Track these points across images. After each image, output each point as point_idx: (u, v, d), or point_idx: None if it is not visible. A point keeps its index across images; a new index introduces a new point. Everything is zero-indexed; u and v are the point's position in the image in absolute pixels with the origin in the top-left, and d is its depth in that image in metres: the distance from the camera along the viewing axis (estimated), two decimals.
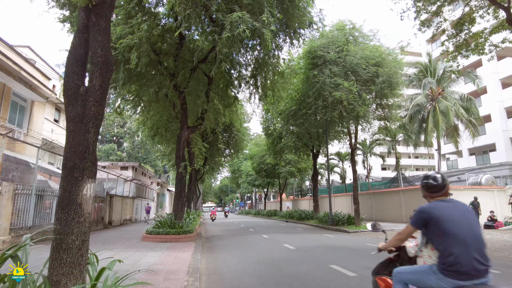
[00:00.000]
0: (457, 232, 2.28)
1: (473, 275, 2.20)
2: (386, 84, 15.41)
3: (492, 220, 16.11)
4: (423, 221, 2.47)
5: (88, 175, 3.12)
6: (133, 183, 26.38)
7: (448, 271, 2.24)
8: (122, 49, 9.67)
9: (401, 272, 2.62)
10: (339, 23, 17.19)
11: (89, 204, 3.14)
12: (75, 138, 3.08)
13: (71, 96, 3.09)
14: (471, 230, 2.31)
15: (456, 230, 2.28)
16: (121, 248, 9.28)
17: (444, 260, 2.27)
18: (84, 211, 3.11)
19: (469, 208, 2.51)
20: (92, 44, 3.23)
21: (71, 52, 3.24)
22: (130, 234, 13.98)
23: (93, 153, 3.22)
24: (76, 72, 3.14)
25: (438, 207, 2.46)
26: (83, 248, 3.11)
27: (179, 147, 12.84)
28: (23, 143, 12.63)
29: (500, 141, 29.19)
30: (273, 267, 6.97)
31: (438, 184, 2.59)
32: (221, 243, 12.06)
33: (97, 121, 3.24)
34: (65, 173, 3.08)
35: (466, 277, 2.20)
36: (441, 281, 2.29)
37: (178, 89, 12.79)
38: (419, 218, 2.51)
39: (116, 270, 5.66)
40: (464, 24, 9.97)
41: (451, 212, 2.39)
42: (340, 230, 16.31)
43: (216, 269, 6.85)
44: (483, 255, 2.25)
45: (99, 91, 3.15)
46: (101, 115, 3.26)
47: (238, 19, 9.14)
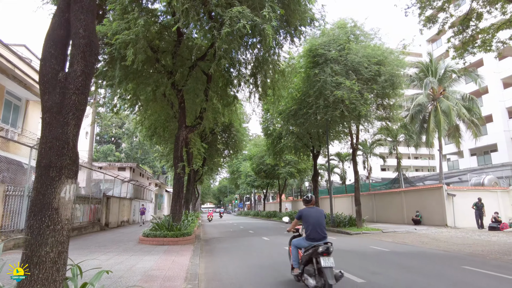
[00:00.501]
0: (312, 221, 5.01)
1: (318, 239, 4.90)
2: (388, 83, 15.11)
3: (496, 221, 15.80)
4: (299, 216, 5.24)
5: (67, 174, 2.68)
6: (131, 184, 25.99)
7: (308, 238, 4.98)
8: (118, 45, 9.34)
9: (294, 241, 5.46)
10: (341, 21, 16.90)
11: (68, 209, 2.70)
12: (52, 131, 2.67)
13: (48, 83, 2.70)
14: (318, 220, 5.01)
15: (311, 220, 5.01)
16: (116, 252, 8.93)
17: (307, 233, 5.02)
18: (62, 217, 2.63)
19: (320, 210, 5.22)
20: (73, 23, 2.84)
21: (49, 34, 2.85)
22: (126, 237, 13.62)
23: (74, 149, 2.79)
24: (54, 55, 2.75)
25: (306, 210, 5.21)
26: (59, 262, 2.62)
27: (177, 147, 12.50)
28: (15, 142, 12.26)
29: (502, 141, 28.94)
30: (276, 272, 6.64)
31: (309, 200, 5.39)
32: (220, 245, 11.72)
33: (78, 112, 2.81)
34: (39, 172, 2.67)
35: (315, 240, 4.90)
36: (306, 243, 5.02)
37: (176, 88, 12.46)
38: (298, 215, 5.28)
39: (107, 279, 5.33)
40: (471, 19, 9.68)
41: (311, 212, 5.12)
42: (341, 232, 15.98)
43: (215, 274, 6.51)
44: (322, 231, 4.95)
45: (81, 77, 2.75)
46: (83, 105, 2.85)
47: (238, 14, 8.83)
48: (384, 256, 8.64)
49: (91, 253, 8.70)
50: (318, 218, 5.05)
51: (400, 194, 21.97)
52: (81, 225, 14.98)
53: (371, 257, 8.49)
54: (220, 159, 30.18)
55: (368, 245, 11.05)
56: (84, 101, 2.84)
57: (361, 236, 14.32)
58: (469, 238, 12.76)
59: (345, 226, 17.01)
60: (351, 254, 9.03)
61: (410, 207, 20.54)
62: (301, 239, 5.24)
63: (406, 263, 7.60)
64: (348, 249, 9.98)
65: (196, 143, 17.83)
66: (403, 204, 21.30)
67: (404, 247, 10.42)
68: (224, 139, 26.22)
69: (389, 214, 22.53)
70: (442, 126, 22.49)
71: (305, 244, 5.05)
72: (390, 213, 22.41)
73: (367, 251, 9.55)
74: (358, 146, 20.71)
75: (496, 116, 29.82)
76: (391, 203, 22.62)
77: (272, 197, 63.57)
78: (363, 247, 10.43)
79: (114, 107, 13.64)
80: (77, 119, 2.81)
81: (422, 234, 14.30)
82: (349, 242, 11.93)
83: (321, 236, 4.93)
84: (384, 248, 10.11)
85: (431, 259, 8.14)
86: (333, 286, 4.42)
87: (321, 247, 4.68)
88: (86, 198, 15.95)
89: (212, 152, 25.94)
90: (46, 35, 2.93)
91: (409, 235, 14.06)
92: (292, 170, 31.67)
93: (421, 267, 7.00)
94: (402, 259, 8.23)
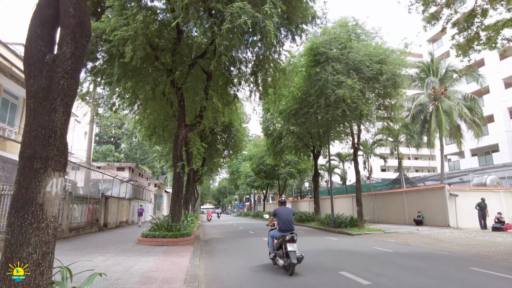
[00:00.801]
0: (283, 218, 6.72)
1: (287, 231, 6.55)
2: (390, 82, 14.93)
3: (499, 222, 15.61)
4: (274, 214, 6.96)
5: (54, 166, 2.39)
6: (130, 184, 25.78)
7: (280, 230, 6.70)
8: (116, 41, 9.16)
9: (270, 232, 7.13)
10: (342, 20, 16.72)
11: (54, 205, 2.41)
12: (37, 118, 2.39)
13: (34, 66, 2.42)
14: (287, 217, 6.71)
15: (283, 217, 6.72)
16: (114, 253, 8.72)
17: (279, 226, 6.75)
18: (47, 214, 2.33)
19: (290, 209, 6.96)
20: (63, 2, 2.57)
21: (36, 13, 2.60)
22: (125, 237, 13.41)
23: (62, 138, 2.51)
24: (41, 36, 2.49)
25: (279, 209, 6.95)
26: (43, 264, 2.31)
27: (176, 146, 12.30)
28: (12, 141, 12.06)
29: (504, 141, 28.78)
30: (278, 274, 6.44)
31: (283, 201, 7.29)
32: (220, 246, 11.51)
33: (67, 98, 2.52)
34: (22, 164, 2.38)
35: (284, 232, 6.57)
36: (278, 234, 6.73)
37: (175, 86, 12.27)
38: (273, 213, 7.03)
39: (103, 281, 5.13)
40: (476, 16, 9.51)
41: (283, 211, 6.84)
42: (343, 232, 15.78)
43: (215, 276, 6.31)
44: (290, 225, 6.64)
45: (70, 60, 2.50)
46: (73, 90, 2.58)
47: (239, 10, 8.65)
48: (388, 257, 8.45)
49: (88, 253, 8.50)
50: (288, 215, 6.83)
51: (401, 195, 21.77)
52: (79, 225, 14.77)
53: (375, 258, 8.29)
54: (220, 159, 29.98)
55: (371, 246, 10.85)
56: (74, 86, 2.60)
57: (363, 237, 14.12)
58: (473, 238, 12.57)
59: (347, 227, 16.80)
60: (354, 255, 8.83)
61: (412, 208, 20.34)
62: (275, 231, 6.98)
63: (411, 264, 7.41)
64: (351, 250, 9.78)
65: (196, 142, 17.66)
66: (404, 205, 21.10)
67: (407, 248, 10.22)
68: (224, 139, 26.03)
69: (390, 214, 22.33)
70: (444, 126, 22.32)
71: (277, 235, 6.83)
72: (391, 213, 22.22)
73: (371, 252, 9.35)
74: (360, 146, 20.52)
75: (497, 116, 29.65)
76: (392, 203, 22.42)
77: (272, 198, 63.33)
78: (366, 248, 10.23)
79: (113, 106, 13.43)
80: (66, 106, 2.54)
81: (424, 235, 14.11)
82: (351, 243, 11.73)
83: (289, 228, 6.65)
84: (387, 249, 9.91)
85: (436, 260, 7.95)
86: (295, 264, 6.15)
87: (287, 236, 6.43)
88: (85, 198, 15.74)
89: (211, 152, 25.76)
90: (32, 15, 2.69)
91: (411, 236, 13.87)
92: (292, 170, 31.47)
93: (427, 269, 6.81)
94: (407, 260, 8.04)
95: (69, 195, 13.47)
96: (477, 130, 23.08)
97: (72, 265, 2.97)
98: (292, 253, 6.13)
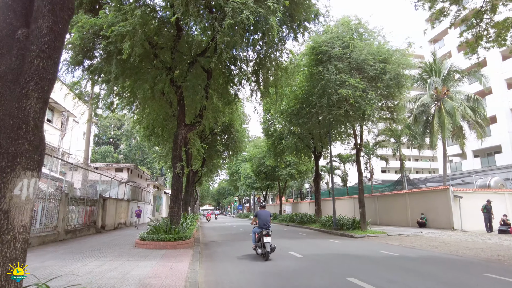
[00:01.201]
0: (262, 218, 9.08)
1: (264, 228, 8.87)
2: (394, 82, 14.63)
3: (505, 224, 15.29)
4: (256, 215, 9.39)
5: (25, 165, 1.95)
6: (128, 186, 25.43)
7: (259, 227, 9.04)
8: (114, 38, 8.84)
9: (253, 229, 9.35)
10: (344, 18, 16.42)
11: (24, 212, 1.94)
12: (4, 105, 1.98)
13: (1, 42, 2.03)
14: (265, 217, 9.06)
15: (262, 218, 9.08)
16: (111, 257, 8.39)
17: (259, 224, 9.09)
18: (14, 224, 1.88)
19: (267, 211, 9.48)
20: None
21: None
22: (123, 240, 13.06)
23: (36, 131, 2.07)
24: (12, 7, 2.08)
25: (259, 211, 9.37)
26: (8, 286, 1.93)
27: (175, 146, 11.98)
28: None
29: (506, 142, 28.50)
30: (282, 280, 6.12)
31: (263, 205, 10.04)
32: (220, 249, 11.18)
33: (43, 82, 2.11)
34: None
35: (262, 228, 8.90)
36: (258, 230, 9.01)
37: (175, 84, 11.96)
38: (255, 214, 9.51)
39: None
40: (485, 12, 9.22)
41: (262, 213, 9.26)
42: (345, 235, 15.45)
43: (217, 283, 5.97)
44: (267, 223, 8.94)
45: (47, 36, 2.10)
46: (51, 73, 2.16)
47: (241, 5, 8.37)
48: (395, 262, 8.13)
49: (84, 257, 8.16)
50: (266, 216, 9.05)
51: (404, 196, 21.45)
52: (76, 227, 14.42)
53: (381, 263, 7.98)
54: (219, 160, 29.66)
55: (376, 249, 10.52)
56: (53, 68, 2.19)
57: (366, 240, 13.80)
58: (480, 242, 12.25)
59: (349, 229, 16.46)
60: (360, 260, 8.50)
61: (415, 210, 20.01)
62: (256, 228, 9.14)
63: (420, 269, 7.09)
64: (356, 254, 9.45)
65: (196, 143, 17.35)
66: (407, 207, 20.77)
67: (414, 252, 9.91)
68: (224, 140, 25.72)
69: (392, 216, 21.99)
70: (447, 126, 22.06)
71: (258, 230, 8.96)
72: (394, 215, 21.88)
73: (376, 256, 9.03)
74: (362, 147, 20.22)
75: (500, 117, 29.38)
76: (395, 205, 22.09)
77: (272, 199, 62.96)
78: (371, 252, 9.91)
79: (111, 105, 13.11)
80: (42, 91, 2.10)
81: (429, 238, 13.79)
82: (355, 246, 11.40)
83: (266, 226, 8.82)
84: (393, 253, 9.59)
85: (446, 265, 7.64)
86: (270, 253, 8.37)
87: (264, 231, 8.61)
88: (82, 200, 15.40)
89: (211, 153, 25.44)
90: None
91: (416, 239, 13.55)
92: (292, 171, 31.11)
93: (439, 274, 6.49)
94: (415, 264, 7.72)
95: (65, 197, 13.13)
96: (480, 131, 22.81)
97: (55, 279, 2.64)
98: (267, 244, 8.36)
